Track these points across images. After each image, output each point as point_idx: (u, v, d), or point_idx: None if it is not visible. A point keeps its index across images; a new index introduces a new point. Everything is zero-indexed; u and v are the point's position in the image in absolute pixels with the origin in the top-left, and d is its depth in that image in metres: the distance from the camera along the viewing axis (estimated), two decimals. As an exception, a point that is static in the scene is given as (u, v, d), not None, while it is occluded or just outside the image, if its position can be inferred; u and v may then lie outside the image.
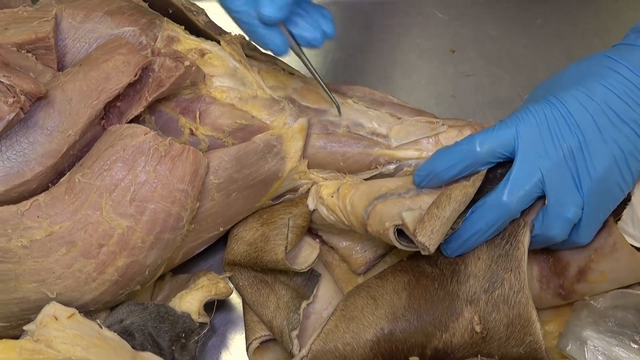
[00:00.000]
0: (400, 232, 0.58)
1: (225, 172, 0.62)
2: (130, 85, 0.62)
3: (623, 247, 0.61)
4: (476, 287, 0.59)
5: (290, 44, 0.60)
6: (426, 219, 0.56)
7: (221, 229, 0.66)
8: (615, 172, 0.57)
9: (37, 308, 0.58)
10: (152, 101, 0.63)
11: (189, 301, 0.63)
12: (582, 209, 0.57)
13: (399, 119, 0.67)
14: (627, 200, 0.62)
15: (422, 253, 0.56)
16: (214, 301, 0.65)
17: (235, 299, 0.70)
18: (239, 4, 0.58)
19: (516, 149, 0.57)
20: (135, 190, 0.59)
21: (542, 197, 0.58)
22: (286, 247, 0.63)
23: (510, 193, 0.57)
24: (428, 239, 0.56)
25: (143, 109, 0.63)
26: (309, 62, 0.64)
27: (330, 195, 0.64)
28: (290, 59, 0.66)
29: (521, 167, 0.57)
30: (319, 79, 0.65)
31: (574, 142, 0.56)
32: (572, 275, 0.62)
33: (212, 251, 0.69)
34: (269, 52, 0.61)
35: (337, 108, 0.66)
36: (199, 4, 0.75)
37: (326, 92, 0.66)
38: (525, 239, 0.59)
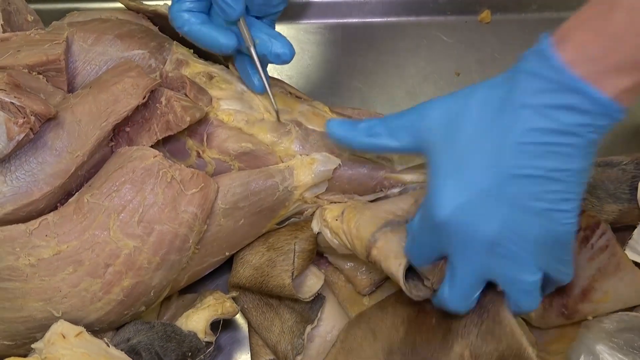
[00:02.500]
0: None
1: (233, 198, 0.63)
2: (139, 110, 0.63)
3: (627, 267, 0.61)
4: (467, 321, 0.58)
5: (242, 44, 0.63)
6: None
7: (227, 254, 0.66)
8: (549, 225, 0.52)
9: (42, 327, 0.59)
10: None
11: (196, 320, 0.63)
12: (537, 269, 0.54)
13: (404, 142, 0.67)
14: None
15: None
16: (220, 320, 0.65)
17: (241, 318, 0.70)
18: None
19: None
20: (143, 211, 0.59)
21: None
22: (293, 273, 0.64)
23: (453, 299, 0.55)
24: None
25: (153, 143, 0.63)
26: (259, 63, 0.65)
27: (335, 219, 0.65)
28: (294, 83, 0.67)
29: (456, 272, 0.54)
30: (267, 83, 0.66)
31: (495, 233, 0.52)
32: (575, 295, 0.62)
33: (219, 271, 0.69)
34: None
35: (277, 115, 0.67)
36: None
37: (271, 97, 0.66)
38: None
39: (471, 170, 0.51)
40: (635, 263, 0.63)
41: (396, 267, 0.59)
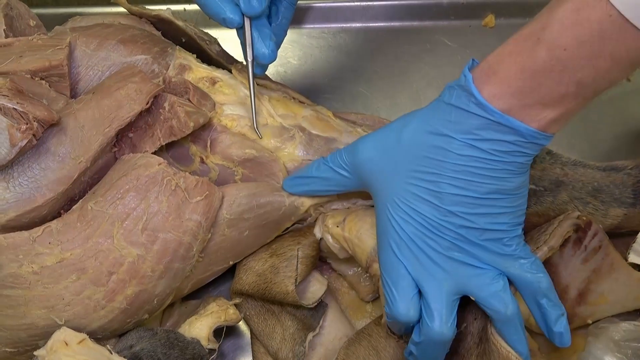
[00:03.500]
0: None
1: (238, 209, 0.63)
2: (142, 115, 0.62)
3: (620, 267, 0.62)
4: (470, 344, 0.59)
5: (243, 22, 0.63)
6: None
7: (230, 262, 0.66)
8: (494, 226, 0.55)
9: (45, 334, 0.58)
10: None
11: (199, 327, 0.63)
12: (500, 272, 0.56)
13: (409, 149, 0.67)
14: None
15: None
16: (223, 327, 0.65)
17: (244, 325, 0.70)
18: None
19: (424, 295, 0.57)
20: (147, 219, 0.59)
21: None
22: (296, 279, 0.63)
23: (440, 323, 0.56)
24: None
25: (157, 149, 0.63)
26: (251, 60, 0.64)
27: (336, 225, 0.65)
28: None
29: (429, 298, 0.56)
30: (251, 83, 0.65)
31: (447, 242, 0.55)
32: (572, 299, 0.63)
33: (222, 277, 0.69)
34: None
35: (256, 130, 0.66)
36: (211, 32, 0.76)
37: (252, 106, 0.65)
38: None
39: (415, 205, 0.55)
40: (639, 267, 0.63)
41: None
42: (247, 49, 0.64)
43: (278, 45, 0.67)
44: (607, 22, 0.46)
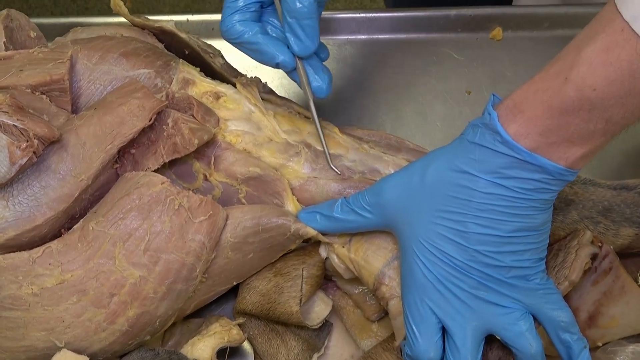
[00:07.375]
0: None
1: (243, 232, 0.61)
2: (145, 132, 0.61)
3: (632, 289, 0.61)
4: None
5: (295, 64, 0.63)
6: None
7: (234, 283, 0.65)
8: (518, 263, 0.54)
9: (44, 357, 0.57)
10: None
11: (202, 348, 0.62)
12: (526, 311, 0.55)
13: (417, 166, 0.66)
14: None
15: None
16: (226, 347, 0.64)
17: (248, 344, 0.69)
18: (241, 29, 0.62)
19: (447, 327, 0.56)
20: (149, 240, 0.58)
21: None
22: (301, 300, 0.62)
23: None
24: None
25: (159, 166, 0.62)
26: (311, 94, 0.64)
27: (342, 245, 0.63)
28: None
29: (455, 338, 0.55)
30: (315, 117, 0.65)
31: (474, 281, 0.55)
32: (582, 321, 0.62)
33: (225, 296, 0.67)
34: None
35: (332, 167, 0.65)
36: (215, 44, 0.75)
37: (323, 144, 0.65)
38: None
39: (441, 246, 0.54)
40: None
41: (401, 324, 0.59)
42: (306, 88, 0.64)
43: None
44: (638, 61, 0.46)
